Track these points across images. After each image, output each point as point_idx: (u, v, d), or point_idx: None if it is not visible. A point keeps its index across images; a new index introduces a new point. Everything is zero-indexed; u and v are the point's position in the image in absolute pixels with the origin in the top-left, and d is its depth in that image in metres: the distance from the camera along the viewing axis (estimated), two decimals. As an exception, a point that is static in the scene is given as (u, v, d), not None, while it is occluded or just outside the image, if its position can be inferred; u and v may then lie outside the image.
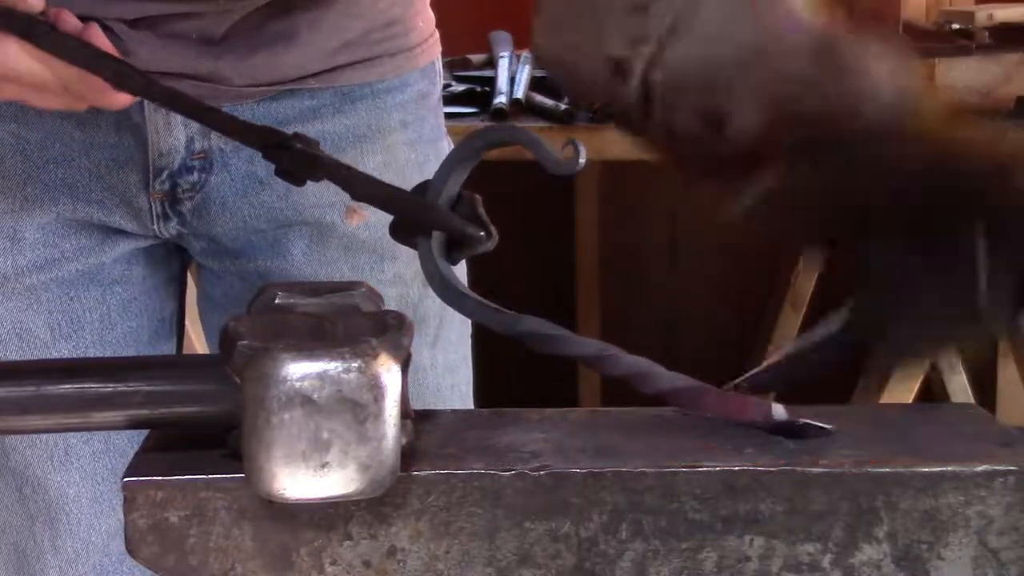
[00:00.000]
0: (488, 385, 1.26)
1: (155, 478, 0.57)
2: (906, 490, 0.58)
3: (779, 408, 0.61)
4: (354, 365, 0.53)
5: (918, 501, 0.58)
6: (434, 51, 1.15)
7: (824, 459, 0.59)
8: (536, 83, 2.18)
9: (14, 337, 1.06)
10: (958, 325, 0.70)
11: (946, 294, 0.70)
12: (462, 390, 1.18)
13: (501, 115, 2.08)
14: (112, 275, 1.08)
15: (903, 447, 0.60)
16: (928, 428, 0.63)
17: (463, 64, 2.38)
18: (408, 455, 0.58)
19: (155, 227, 1.08)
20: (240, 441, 0.54)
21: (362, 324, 0.57)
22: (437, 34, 1.16)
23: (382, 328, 0.56)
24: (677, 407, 0.64)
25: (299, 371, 0.53)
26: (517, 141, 0.66)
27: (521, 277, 2.43)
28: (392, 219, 0.71)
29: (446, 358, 1.15)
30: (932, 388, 2.34)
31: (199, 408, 0.58)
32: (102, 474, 1.09)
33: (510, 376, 2.05)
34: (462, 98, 2.18)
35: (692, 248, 2.88)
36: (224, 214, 1.08)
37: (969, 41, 2.19)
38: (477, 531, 0.58)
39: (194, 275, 1.18)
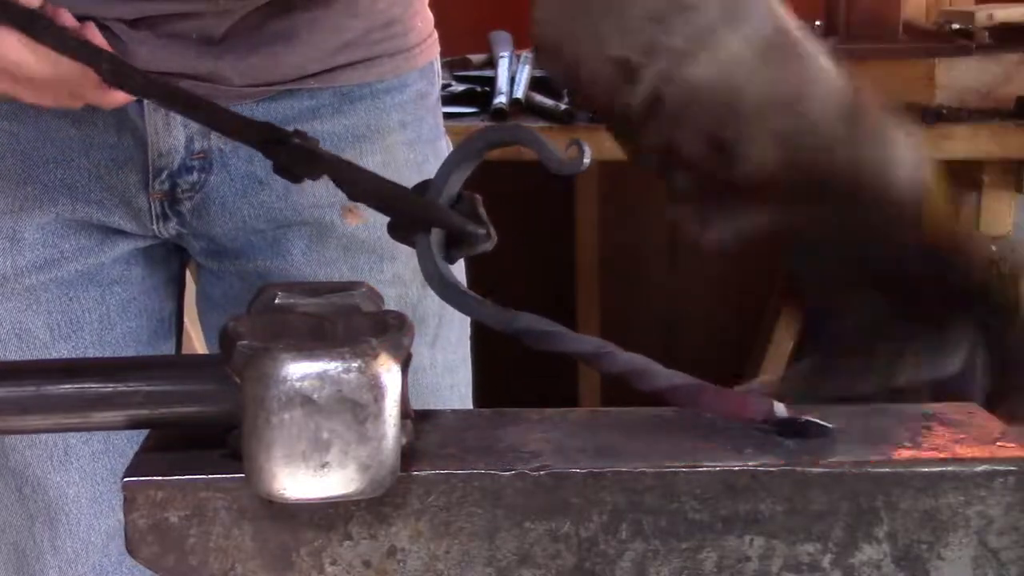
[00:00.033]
0: (487, 385, 1.26)
1: (155, 478, 0.57)
2: (906, 490, 0.58)
3: (780, 406, 0.61)
4: (354, 365, 0.53)
5: (918, 501, 0.58)
6: (433, 51, 1.16)
7: (824, 459, 0.59)
8: (536, 83, 2.17)
9: (13, 337, 1.06)
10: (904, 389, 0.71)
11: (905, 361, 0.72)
12: (461, 390, 1.18)
13: (501, 115, 2.08)
14: (111, 275, 1.08)
15: (903, 447, 0.60)
16: (928, 428, 0.62)
17: (463, 64, 2.38)
18: (408, 455, 0.58)
19: (154, 227, 1.08)
20: (240, 441, 0.54)
21: (362, 324, 0.57)
22: (436, 34, 1.16)
23: (382, 328, 0.56)
24: (676, 405, 0.64)
25: (299, 371, 0.53)
26: (520, 141, 0.66)
27: (521, 277, 2.43)
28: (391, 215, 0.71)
29: (445, 358, 1.15)
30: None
31: (199, 408, 0.58)
32: (101, 474, 1.09)
33: (509, 376, 2.05)
34: (462, 98, 2.18)
35: (692, 248, 2.87)
36: (223, 214, 1.08)
37: (969, 41, 2.19)
38: (477, 531, 0.58)
39: (193, 275, 1.18)
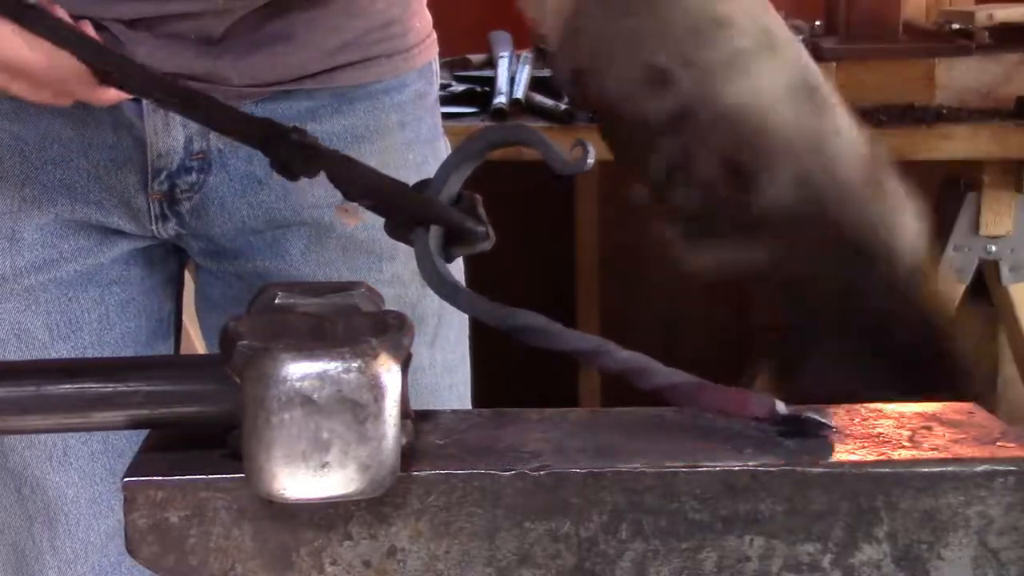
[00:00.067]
0: (487, 384, 1.26)
1: (155, 478, 0.57)
2: (906, 490, 0.58)
3: (780, 404, 0.61)
4: (354, 365, 0.53)
5: (918, 501, 0.58)
6: (431, 51, 1.16)
7: (824, 459, 0.59)
8: (536, 83, 2.17)
9: (13, 338, 1.06)
10: None
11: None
12: (460, 390, 1.18)
13: (501, 115, 2.08)
14: (110, 275, 1.08)
15: (903, 447, 0.60)
16: (928, 428, 0.62)
17: (463, 64, 2.38)
18: (408, 455, 0.58)
19: (153, 227, 1.08)
20: (240, 441, 0.54)
21: (362, 324, 0.57)
22: (434, 35, 1.16)
23: (382, 328, 0.56)
24: (675, 403, 0.63)
25: (299, 371, 0.53)
26: (523, 141, 0.66)
27: (521, 277, 2.43)
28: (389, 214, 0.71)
29: (444, 358, 1.15)
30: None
31: (199, 408, 0.58)
32: (100, 475, 1.09)
33: (509, 375, 2.05)
34: (462, 98, 2.18)
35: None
36: (222, 214, 1.08)
37: (969, 41, 2.19)
38: (477, 531, 0.58)
39: (192, 275, 1.18)
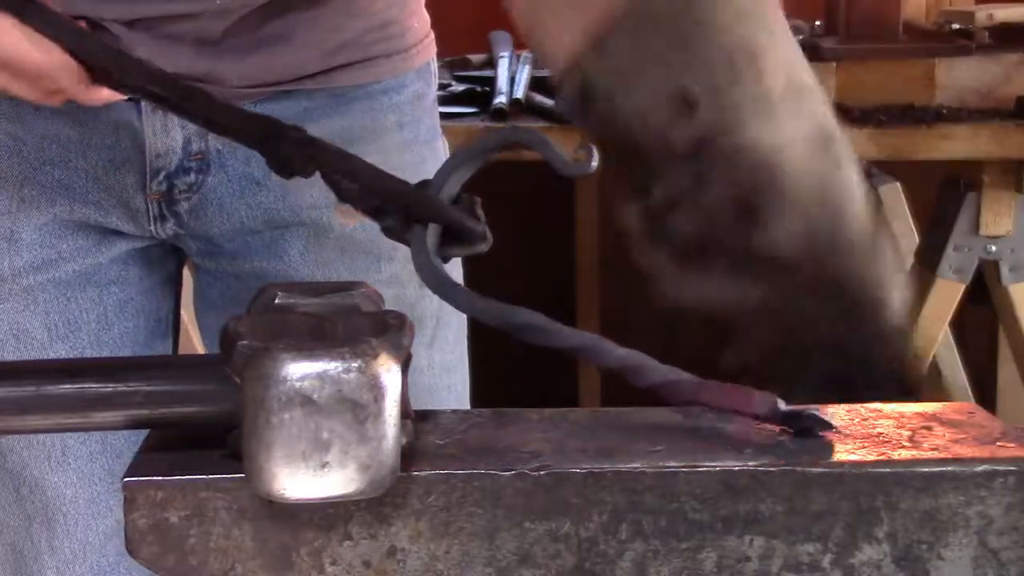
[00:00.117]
0: (486, 384, 1.26)
1: (155, 478, 0.57)
2: (906, 490, 0.58)
3: (782, 402, 0.61)
4: (354, 365, 0.53)
5: (918, 501, 0.58)
6: (429, 52, 1.16)
7: (824, 459, 0.59)
8: (536, 83, 2.17)
9: (11, 338, 1.06)
10: None
11: None
12: (458, 390, 1.18)
13: (501, 115, 2.08)
14: (109, 276, 1.09)
15: (903, 447, 0.60)
16: (928, 428, 0.62)
17: (463, 64, 2.38)
18: (408, 455, 0.58)
19: (152, 228, 1.08)
20: (240, 441, 0.54)
21: (362, 324, 0.57)
22: (432, 35, 1.16)
23: (382, 328, 0.56)
24: (675, 401, 0.63)
25: (299, 371, 0.53)
26: (526, 143, 0.66)
27: (521, 277, 2.43)
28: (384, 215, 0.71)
29: (443, 358, 1.15)
30: (932, 388, 2.34)
31: (199, 408, 0.58)
32: (99, 475, 1.09)
33: (509, 375, 2.05)
34: (462, 98, 2.18)
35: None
36: (221, 215, 1.08)
37: (969, 41, 2.19)
38: (477, 531, 0.58)
39: (192, 274, 1.18)
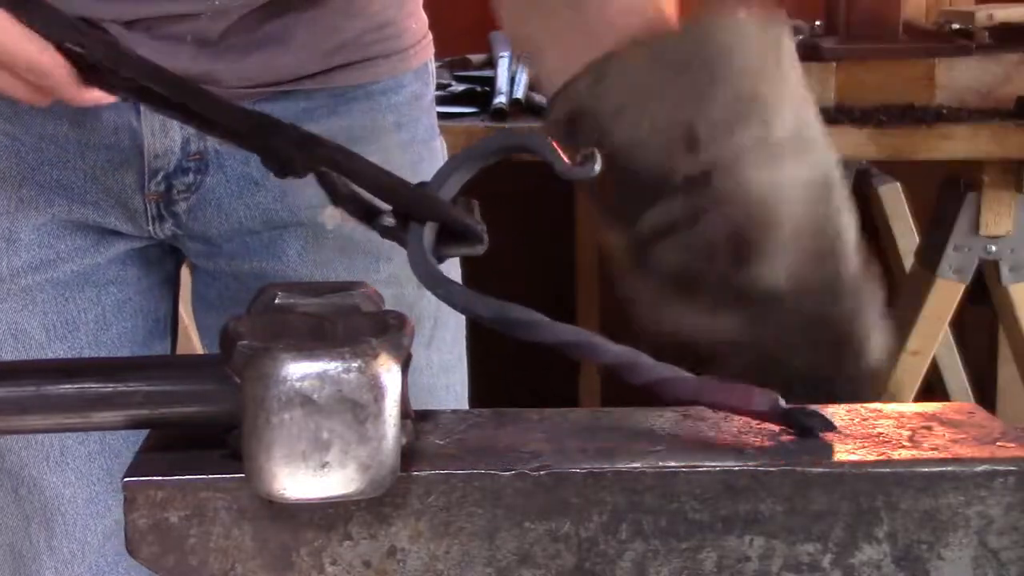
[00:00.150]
0: (485, 384, 1.26)
1: (155, 478, 0.57)
2: (906, 490, 0.58)
3: (782, 399, 0.61)
4: (354, 365, 0.53)
5: (918, 501, 0.58)
6: (427, 52, 1.16)
7: (824, 459, 0.59)
8: (536, 83, 2.17)
9: (9, 338, 1.06)
10: None
11: None
12: (457, 390, 1.18)
13: (501, 115, 2.08)
14: (107, 276, 1.09)
15: (903, 447, 0.60)
16: (928, 428, 0.62)
17: (463, 64, 2.38)
18: (408, 455, 0.58)
19: (150, 228, 1.08)
20: (240, 441, 0.54)
21: (362, 324, 0.57)
22: (430, 35, 1.17)
23: (382, 328, 0.56)
24: (674, 399, 0.63)
25: (299, 371, 0.53)
26: (528, 147, 0.66)
27: (521, 277, 2.43)
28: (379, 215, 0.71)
29: (441, 358, 1.15)
30: (932, 388, 2.34)
31: (199, 408, 0.58)
32: (97, 475, 1.09)
33: (508, 375, 2.05)
34: (462, 98, 2.18)
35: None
36: (219, 215, 1.08)
37: (969, 41, 2.19)
38: (477, 531, 0.58)
39: (190, 273, 1.18)
